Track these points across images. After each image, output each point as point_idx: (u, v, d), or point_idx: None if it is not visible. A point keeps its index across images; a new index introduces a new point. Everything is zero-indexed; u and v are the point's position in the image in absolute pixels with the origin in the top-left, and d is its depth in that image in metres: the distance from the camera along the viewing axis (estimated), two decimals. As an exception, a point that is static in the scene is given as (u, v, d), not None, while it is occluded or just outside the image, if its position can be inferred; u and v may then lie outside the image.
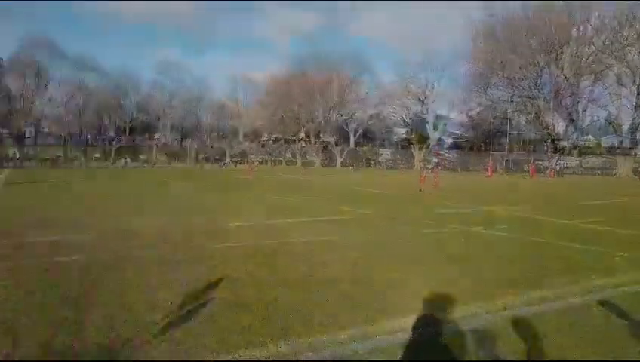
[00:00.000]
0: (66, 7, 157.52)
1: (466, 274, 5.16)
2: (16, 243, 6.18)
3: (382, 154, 62.97)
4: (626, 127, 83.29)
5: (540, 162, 54.79)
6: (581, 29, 59.03)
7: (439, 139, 71.31)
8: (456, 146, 74.27)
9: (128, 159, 59.85)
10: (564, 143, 61.54)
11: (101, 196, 11.66)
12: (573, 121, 60.78)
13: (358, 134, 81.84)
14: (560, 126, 67.92)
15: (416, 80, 76.26)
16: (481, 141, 69.13)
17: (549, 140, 60.63)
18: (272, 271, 4.83)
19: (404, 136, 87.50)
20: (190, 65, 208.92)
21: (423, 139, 78.38)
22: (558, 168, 52.16)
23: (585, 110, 61.65)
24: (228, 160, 63.03)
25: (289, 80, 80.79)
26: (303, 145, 56.26)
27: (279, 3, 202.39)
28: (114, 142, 65.40)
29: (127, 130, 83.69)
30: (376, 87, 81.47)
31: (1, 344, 3.11)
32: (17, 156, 54.04)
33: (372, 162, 64.40)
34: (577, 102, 59.87)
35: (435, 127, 75.70)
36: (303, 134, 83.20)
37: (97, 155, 62.16)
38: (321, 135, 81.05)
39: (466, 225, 8.41)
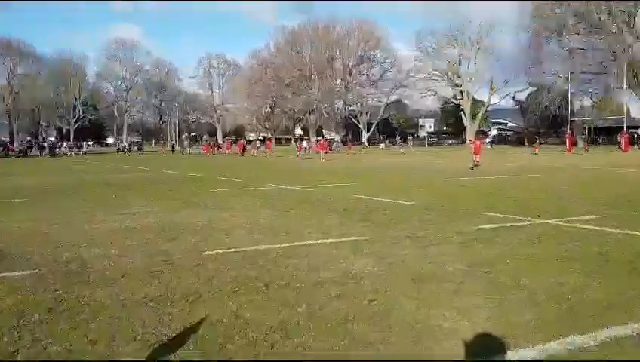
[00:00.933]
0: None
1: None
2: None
3: (404, 153, 54.50)
4: None
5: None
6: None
7: (480, 132, 61.72)
8: (501, 139, 68.03)
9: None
10: (644, 132, 55.92)
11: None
12: (657, 102, 54.30)
13: (372, 129, 74.92)
14: (637, 109, 63.93)
15: (445, 56, 68.90)
16: (535, 133, 59.62)
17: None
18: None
19: (432, 129, 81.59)
20: (150, 45, 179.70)
21: (458, 132, 74.37)
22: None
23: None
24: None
25: (278, 60, 70.87)
26: (305, 145, 48.00)
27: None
28: (56, 150, 55.03)
29: (72, 134, 72.72)
30: (391, 66, 71.34)
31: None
32: None
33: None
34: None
35: (473, 116, 66.69)
36: (299, 131, 76.78)
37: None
38: (323, 131, 74.51)
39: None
